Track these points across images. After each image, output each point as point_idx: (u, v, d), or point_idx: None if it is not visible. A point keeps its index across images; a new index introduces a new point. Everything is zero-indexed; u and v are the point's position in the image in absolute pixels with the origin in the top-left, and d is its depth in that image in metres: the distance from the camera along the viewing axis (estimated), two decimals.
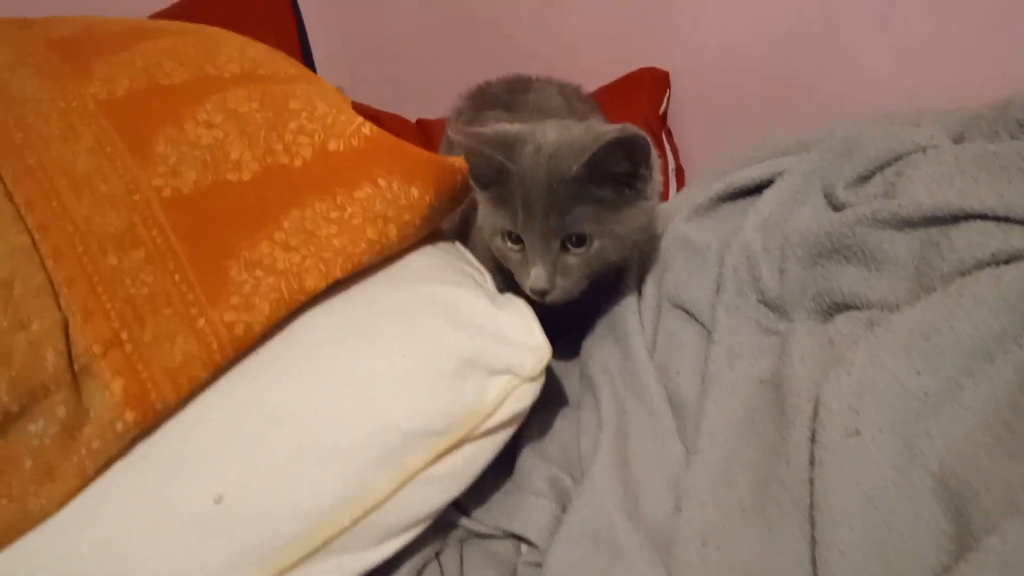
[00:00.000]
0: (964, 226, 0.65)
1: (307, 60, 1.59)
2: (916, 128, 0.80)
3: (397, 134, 1.32)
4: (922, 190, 0.70)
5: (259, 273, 0.70)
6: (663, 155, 1.30)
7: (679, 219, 0.89)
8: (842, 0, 1.13)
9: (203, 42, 0.87)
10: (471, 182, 0.85)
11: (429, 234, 0.87)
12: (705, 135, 1.38)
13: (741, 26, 1.27)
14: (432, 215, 0.83)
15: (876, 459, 0.55)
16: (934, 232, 0.67)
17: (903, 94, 1.04)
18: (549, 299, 0.80)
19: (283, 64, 0.89)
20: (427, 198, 0.81)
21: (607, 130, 0.75)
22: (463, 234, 1.00)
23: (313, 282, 0.71)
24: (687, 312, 0.84)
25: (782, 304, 0.78)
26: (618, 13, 1.45)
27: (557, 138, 0.78)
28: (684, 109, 1.42)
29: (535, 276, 0.78)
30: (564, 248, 0.79)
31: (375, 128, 0.80)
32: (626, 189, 0.78)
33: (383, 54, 1.86)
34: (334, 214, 0.75)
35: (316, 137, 0.78)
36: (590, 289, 0.83)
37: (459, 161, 0.86)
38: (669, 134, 1.41)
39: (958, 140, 0.82)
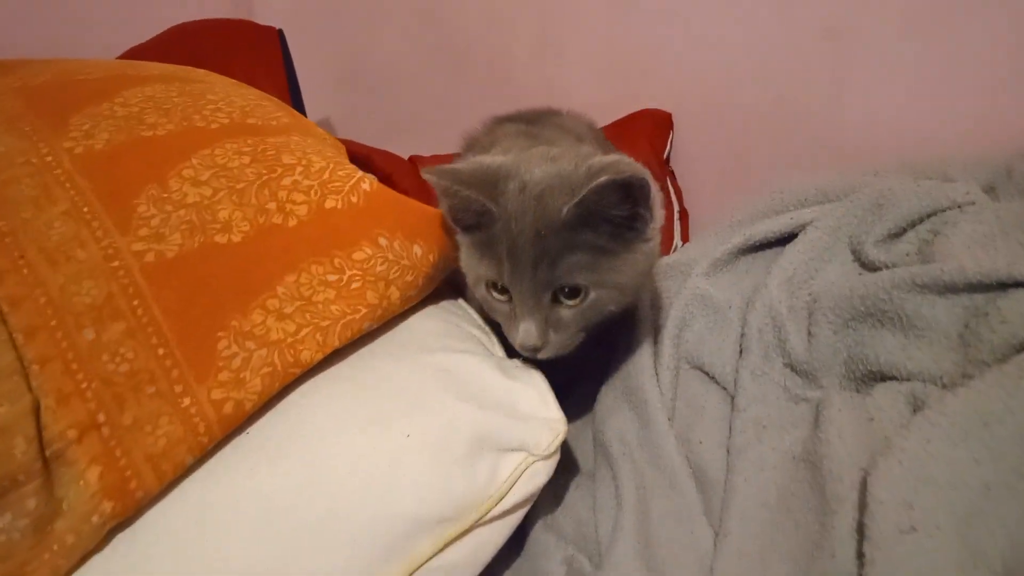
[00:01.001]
0: (1014, 295, 0.61)
1: (295, 93, 1.54)
2: (950, 183, 0.76)
3: (389, 173, 1.28)
4: (964, 253, 0.66)
5: (250, 345, 0.64)
6: (668, 201, 1.26)
7: (697, 274, 0.83)
8: (856, 41, 1.09)
9: (189, 89, 0.81)
10: (450, 223, 0.77)
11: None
12: (709, 177, 1.34)
13: (748, 66, 1.22)
14: (435, 273, 0.78)
15: (936, 560, 0.50)
16: (979, 300, 0.63)
17: (922, 138, 1.01)
18: (542, 356, 0.72)
19: (274, 112, 0.84)
20: (431, 256, 0.76)
21: (600, 167, 0.67)
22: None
23: (309, 354, 0.66)
24: (707, 375, 0.79)
25: (811, 370, 0.73)
26: (618, 51, 1.41)
27: (544, 175, 0.70)
28: (687, 150, 1.37)
29: (524, 332, 0.71)
30: (556, 300, 0.71)
31: (375, 183, 0.75)
32: (624, 232, 0.69)
33: (374, 88, 1.81)
34: (332, 278, 0.69)
35: (312, 194, 0.72)
36: (590, 340, 0.76)
37: None
38: (672, 176, 1.37)
39: (987, 192, 0.78)
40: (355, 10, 1.79)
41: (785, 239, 0.83)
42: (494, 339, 0.81)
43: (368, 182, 0.75)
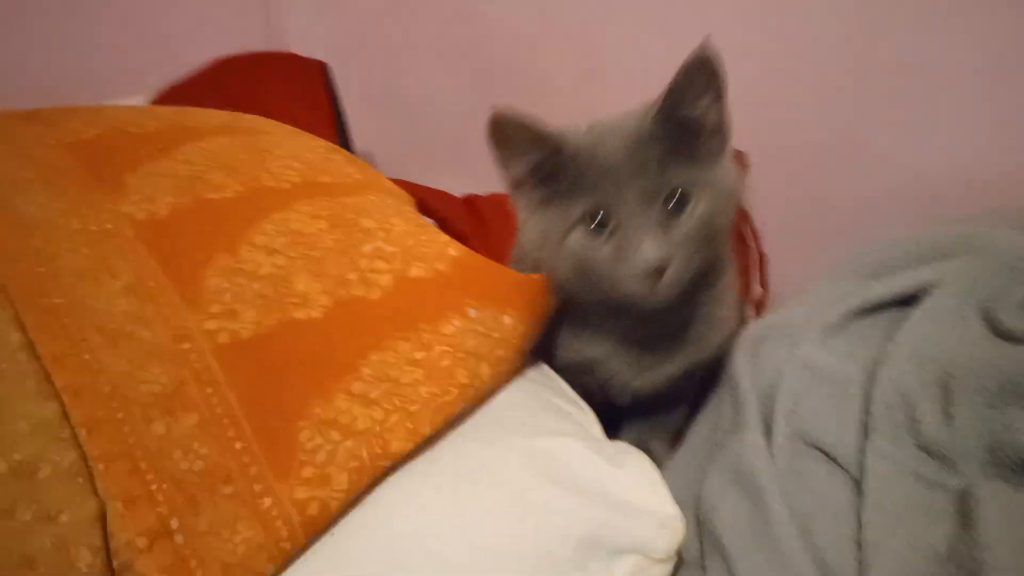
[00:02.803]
0: None
1: (342, 129, 1.48)
2: None
3: (444, 215, 1.22)
4: None
5: (335, 435, 0.57)
6: (745, 245, 1.17)
7: (808, 342, 0.76)
8: (932, 76, 1.03)
9: (254, 144, 0.75)
10: (512, 192, 0.75)
11: None
12: (782, 218, 1.25)
13: (812, 100, 1.16)
14: (525, 347, 0.71)
15: None
16: None
17: (1011, 184, 0.93)
18: (666, 279, 0.66)
19: (345, 167, 0.78)
20: (521, 327, 0.69)
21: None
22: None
23: (399, 444, 0.59)
24: (827, 455, 0.71)
25: (948, 453, 0.65)
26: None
27: (606, 118, 0.74)
28: (755, 190, 1.30)
29: (647, 248, 0.65)
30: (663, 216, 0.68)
31: (461, 248, 0.69)
32: (707, 143, 0.70)
33: (415, 120, 1.75)
34: (420, 355, 0.62)
35: (395, 262, 0.66)
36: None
37: None
38: (747, 217, 1.27)
39: None
40: (394, 41, 1.74)
41: (902, 301, 0.76)
42: (589, 413, 0.74)
43: (455, 247, 0.68)
